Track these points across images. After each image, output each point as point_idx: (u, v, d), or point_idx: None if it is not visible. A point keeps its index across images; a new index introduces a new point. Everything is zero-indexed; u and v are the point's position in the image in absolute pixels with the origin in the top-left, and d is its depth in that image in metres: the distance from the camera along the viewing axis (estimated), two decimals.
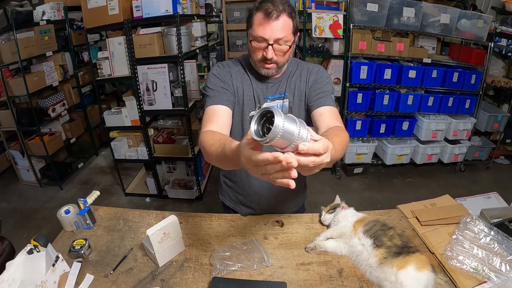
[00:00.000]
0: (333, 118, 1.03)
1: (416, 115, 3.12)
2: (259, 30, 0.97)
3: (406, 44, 2.85)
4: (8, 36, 2.77)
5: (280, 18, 0.95)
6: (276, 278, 0.98)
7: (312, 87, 1.13)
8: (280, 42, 0.98)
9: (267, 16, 0.95)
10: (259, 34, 0.97)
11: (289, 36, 0.99)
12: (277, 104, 1.15)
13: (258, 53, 1.03)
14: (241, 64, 1.17)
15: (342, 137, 0.88)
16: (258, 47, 1.01)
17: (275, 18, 0.95)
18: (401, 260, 0.91)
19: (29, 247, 0.94)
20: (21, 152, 3.13)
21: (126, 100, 2.60)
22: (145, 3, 2.28)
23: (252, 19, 1.00)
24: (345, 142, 0.89)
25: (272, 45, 0.98)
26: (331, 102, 1.09)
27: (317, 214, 1.24)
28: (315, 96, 1.11)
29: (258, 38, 0.99)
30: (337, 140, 0.81)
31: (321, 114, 1.06)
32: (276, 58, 1.02)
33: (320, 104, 1.08)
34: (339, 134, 0.89)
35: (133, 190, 3.10)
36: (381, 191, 3.05)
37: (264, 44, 0.99)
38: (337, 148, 0.79)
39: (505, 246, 0.97)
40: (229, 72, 1.14)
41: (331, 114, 1.05)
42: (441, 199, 1.29)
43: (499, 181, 3.15)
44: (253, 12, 0.99)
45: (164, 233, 1.01)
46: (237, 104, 1.14)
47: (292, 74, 1.16)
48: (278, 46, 0.99)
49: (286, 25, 0.97)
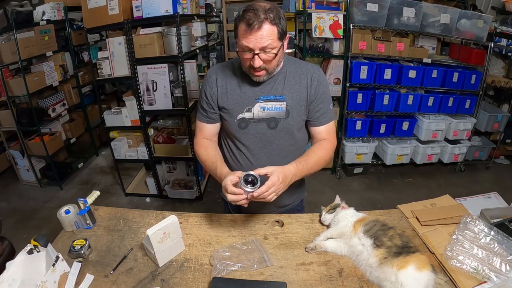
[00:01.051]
0: (328, 134, 1.21)
1: (416, 115, 3.12)
2: (243, 40, 0.99)
3: (406, 44, 2.85)
4: (8, 36, 2.77)
5: (263, 27, 0.96)
6: (276, 278, 0.98)
7: (314, 100, 1.15)
8: (266, 50, 1.00)
9: (249, 27, 0.96)
10: (244, 44, 0.99)
11: (274, 43, 1.00)
12: (272, 106, 1.14)
13: (246, 62, 1.05)
14: (232, 65, 1.19)
15: (320, 155, 1.15)
16: (246, 57, 1.03)
17: (257, 29, 0.96)
18: (401, 260, 0.91)
19: (29, 247, 0.94)
20: (21, 152, 3.13)
21: (126, 100, 2.60)
22: (145, 3, 2.28)
23: (237, 29, 1.02)
24: (322, 158, 1.15)
25: (258, 54, 1.00)
26: (331, 117, 1.21)
27: (317, 214, 1.23)
28: (317, 112, 1.17)
29: (244, 48, 1.00)
30: (313, 158, 1.13)
31: (319, 132, 1.21)
32: (265, 65, 1.04)
33: (320, 123, 1.19)
34: (319, 152, 1.15)
35: (133, 190, 3.10)
36: (381, 191, 3.05)
37: (250, 54, 1.00)
38: (312, 165, 1.12)
39: (505, 246, 0.97)
40: (215, 80, 1.17)
41: (327, 131, 1.21)
42: (441, 199, 1.29)
43: (499, 181, 3.15)
44: (237, 23, 1.01)
45: (164, 233, 1.01)
46: (226, 108, 1.17)
47: (291, 75, 1.15)
48: (264, 55, 1.01)
49: (270, 33, 0.97)
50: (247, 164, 1.20)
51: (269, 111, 1.14)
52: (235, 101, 1.15)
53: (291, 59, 1.20)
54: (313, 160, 1.12)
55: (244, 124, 1.16)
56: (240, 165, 1.23)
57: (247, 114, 1.15)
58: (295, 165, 1.07)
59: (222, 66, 1.21)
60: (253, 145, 1.18)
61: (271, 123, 1.15)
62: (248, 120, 1.15)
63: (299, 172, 1.07)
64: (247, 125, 1.16)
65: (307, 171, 1.11)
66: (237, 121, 1.16)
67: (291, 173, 1.04)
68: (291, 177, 1.05)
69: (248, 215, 1.26)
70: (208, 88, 1.19)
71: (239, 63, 1.16)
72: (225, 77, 1.17)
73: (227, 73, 1.18)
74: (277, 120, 1.14)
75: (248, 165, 1.20)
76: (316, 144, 1.21)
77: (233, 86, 1.16)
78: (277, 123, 1.15)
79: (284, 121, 1.15)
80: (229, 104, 1.16)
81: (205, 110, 1.21)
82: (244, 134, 1.17)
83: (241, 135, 1.18)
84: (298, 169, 1.07)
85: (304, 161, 1.10)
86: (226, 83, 1.16)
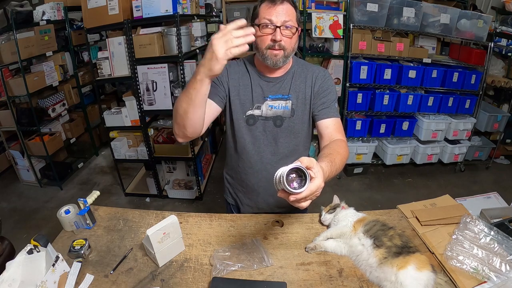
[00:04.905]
0: (337, 130, 1.12)
1: (416, 115, 3.12)
2: (266, 14, 1.03)
3: (406, 44, 2.85)
4: (8, 36, 2.78)
5: (285, 3, 1.04)
6: (276, 278, 0.98)
7: (318, 94, 1.16)
8: (286, 25, 1.03)
9: (272, 2, 1.03)
10: (266, 17, 1.03)
11: (294, 22, 1.05)
12: (279, 104, 1.15)
13: (266, 39, 1.06)
14: (244, 64, 1.20)
15: (342, 155, 1.00)
16: (266, 33, 1.05)
17: (280, 3, 1.03)
18: (401, 260, 0.90)
19: (29, 247, 0.94)
20: (21, 152, 3.13)
21: (126, 100, 2.60)
22: (145, 3, 2.28)
23: (257, 10, 1.07)
24: (345, 158, 1.01)
25: (280, 27, 1.02)
26: (335, 113, 1.16)
27: (317, 214, 1.23)
28: (320, 105, 1.16)
29: (266, 22, 1.03)
30: (338, 159, 0.95)
31: (327, 126, 1.13)
32: (284, 43, 1.05)
33: (325, 116, 1.14)
34: (340, 152, 1.00)
35: (133, 190, 3.10)
36: (381, 191, 3.05)
37: (272, 28, 1.03)
38: (337, 167, 0.93)
39: (505, 246, 0.97)
40: (227, 69, 1.17)
41: (335, 127, 1.13)
42: (441, 199, 1.29)
43: (499, 181, 3.15)
44: (258, 5, 1.08)
45: (164, 233, 1.01)
46: (234, 102, 1.17)
47: (298, 76, 1.17)
48: (285, 30, 1.04)
49: (291, 11, 1.04)
50: (253, 163, 1.22)
51: (276, 110, 1.16)
52: (246, 97, 1.16)
53: (299, 61, 1.22)
54: (338, 160, 0.95)
55: (252, 121, 1.17)
56: (245, 164, 1.24)
57: (256, 111, 1.16)
58: (327, 164, 0.87)
59: (234, 62, 1.21)
60: (259, 142, 1.20)
61: (277, 121, 1.16)
62: (256, 117, 1.17)
63: (328, 173, 0.86)
64: (255, 122, 1.17)
65: (334, 173, 0.92)
66: (245, 117, 1.17)
67: (325, 174, 0.83)
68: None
69: (248, 215, 1.26)
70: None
71: (250, 61, 1.19)
72: (237, 72, 1.19)
73: (239, 69, 1.19)
74: (282, 119, 1.16)
75: (253, 164, 1.22)
76: (332, 143, 1.06)
77: (245, 82, 1.17)
78: (282, 121, 1.17)
79: (289, 120, 1.17)
80: (240, 99, 1.17)
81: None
82: (251, 130, 1.18)
83: (248, 131, 1.19)
84: (329, 169, 0.87)
85: (332, 161, 0.91)
86: (238, 77, 1.18)
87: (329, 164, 0.88)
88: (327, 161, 0.89)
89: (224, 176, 1.42)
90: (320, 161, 0.87)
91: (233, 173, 1.34)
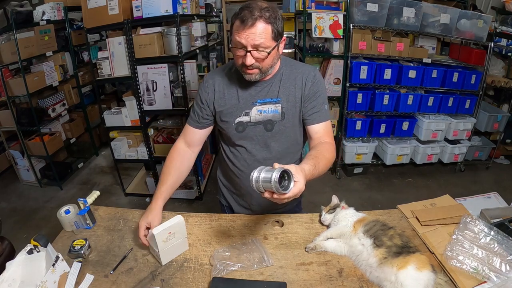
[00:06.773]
0: (326, 134, 1.15)
1: (416, 115, 3.12)
2: (237, 35, 0.98)
3: (406, 44, 2.85)
4: (8, 36, 2.77)
5: (256, 24, 0.95)
6: (276, 278, 0.98)
7: (308, 98, 1.14)
8: (259, 48, 0.98)
9: (243, 23, 0.96)
10: (237, 40, 0.98)
11: (268, 42, 0.98)
12: (269, 108, 1.13)
13: (239, 59, 1.03)
14: (230, 70, 1.18)
15: (328, 159, 1.06)
16: (239, 54, 1.02)
17: (250, 26, 0.95)
18: (401, 260, 0.91)
19: (29, 247, 0.94)
20: (21, 152, 3.13)
21: (126, 100, 2.60)
22: (145, 3, 2.28)
23: (232, 26, 1.01)
24: (329, 162, 1.07)
25: (251, 51, 0.98)
26: (326, 116, 1.17)
27: (317, 214, 1.24)
28: (311, 109, 1.14)
29: (237, 45, 0.99)
30: (322, 163, 1.01)
31: (316, 132, 1.15)
32: (257, 64, 1.02)
33: (315, 121, 1.15)
34: (326, 155, 1.05)
35: (133, 190, 3.10)
36: (381, 191, 3.05)
37: (243, 51, 0.99)
38: (320, 170, 1.00)
39: (505, 246, 0.97)
40: (213, 85, 1.17)
41: (325, 131, 1.16)
42: (441, 199, 1.29)
43: (499, 181, 3.15)
44: (232, 20, 1.01)
45: (170, 233, 1.01)
46: (223, 112, 1.17)
47: (286, 77, 1.15)
48: (256, 53, 0.99)
49: (263, 32, 0.96)
50: (246, 167, 1.21)
51: (265, 114, 1.14)
52: (233, 105, 1.15)
53: (288, 61, 1.19)
54: (322, 163, 1.01)
55: (242, 128, 1.16)
56: (237, 168, 1.23)
57: (244, 117, 1.15)
58: (310, 167, 0.94)
59: (219, 71, 1.21)
60: (251, 147, 1.18)
61: (268, 125, 1.14)
62: (245, 123, 1.15)
63: (310, 176, 0.93)
64: (244, 129, 1.15)
65: (317, 175, 0.99)
66: (234, 125, 1.16)
67: (307, 177, 0.90)
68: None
69: (248, 215, 1.27)
70: (204, 94, 1.18)
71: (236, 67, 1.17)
72: (222, 82, 1.17)
73: (225, 78, 1.18)
74: (273, 123, 1.14)
75: (246, 168, 1.20)
76: (320, 145, 1.11)
77: (230, 91, 1.16)
78: (273, 125, 1.14)
79: (280, 123, 1.14)
80: (227, 108, 1.16)
81: (196, 114, 1.21)
82: (241, 137, 1.17)
83: (238, 138, 1.18)
84: (311, 172, 0.94)
85: (317, 164, 0.97)
86: (223, 88, 1.16)
87: (312, 168, 0.94)
88: (311, 164, 0.95)
89: (218, 178, 1.42)
90: (305, 162, 0.96)
91: (226, 176, 1.34)
